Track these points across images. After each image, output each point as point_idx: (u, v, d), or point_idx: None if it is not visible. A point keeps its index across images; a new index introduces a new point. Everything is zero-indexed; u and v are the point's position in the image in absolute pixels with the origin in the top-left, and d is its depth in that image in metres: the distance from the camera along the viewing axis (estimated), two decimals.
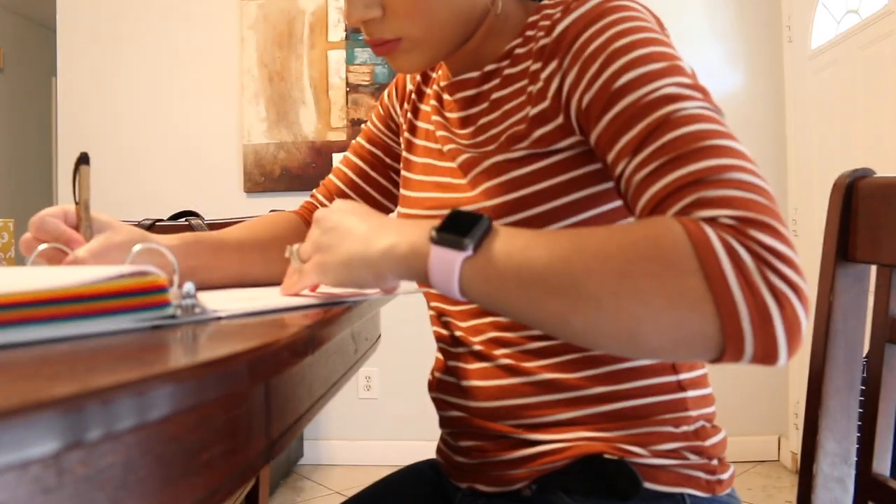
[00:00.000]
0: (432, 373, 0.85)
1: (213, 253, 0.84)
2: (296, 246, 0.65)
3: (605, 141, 0.61)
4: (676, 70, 0.60)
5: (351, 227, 0.60)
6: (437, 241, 0.54)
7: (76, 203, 0.74)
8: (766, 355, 0.49)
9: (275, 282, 0.89)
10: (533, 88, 0.70)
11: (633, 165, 0.58)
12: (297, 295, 0.65)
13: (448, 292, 0.55)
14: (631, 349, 0.51)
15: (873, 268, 0.71)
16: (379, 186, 0.98)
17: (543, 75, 0.69)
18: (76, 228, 0.73)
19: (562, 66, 0.67)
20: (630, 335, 0.50)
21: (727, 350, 0.49)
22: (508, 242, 0.54)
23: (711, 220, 0.51)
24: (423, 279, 0.56)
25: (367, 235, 0.59)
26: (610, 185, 0.68)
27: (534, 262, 0.52)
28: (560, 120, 0.68)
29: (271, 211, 1.09)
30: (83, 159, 0.74)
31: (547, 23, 0.70)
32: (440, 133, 0.81)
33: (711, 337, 0.48)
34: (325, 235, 0.62)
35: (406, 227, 0.59)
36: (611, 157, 0.61)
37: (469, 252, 0.53)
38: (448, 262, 0.54)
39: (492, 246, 0.54)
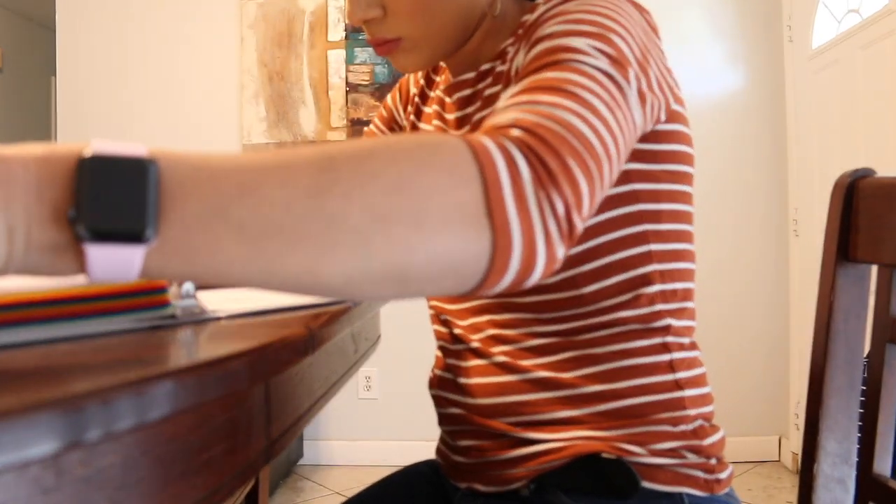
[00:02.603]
0: (432, 370, 0.86)
1: None
2: None
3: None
4: (603, 38, 0.57)
5: None
6: (87, 227, 0.34)
7: None
8: (521, 279, 0.45)
9: None
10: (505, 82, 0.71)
11: (503, 97, 0.55)
12: None
13: (120, 281, 0.38)
14: (396, 288, 0.42)
15: (874, 268, 0.71)
16: None
17: (512, 59, 0.70)
18: None
19: (527, 44, 0.65)
20: (400, 269, 0.41)
21: (489, 273, 0.44)
22: (204, 181, 0.37)
23: (501, 131, 0.47)
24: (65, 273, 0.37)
25: None
26: None
27: (264, 209, 0.38)
28: None
29: None
30: None
31: (533, 21, 0.69)
32: None
33: (480, 259, 0.43)
34: None
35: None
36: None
37: (151, 241, 0.35)
38: (121, 263, 0.35)
39: (182, 210, 0.36)
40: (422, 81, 0.90)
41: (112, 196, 0.35)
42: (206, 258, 0.37)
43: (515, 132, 0.47)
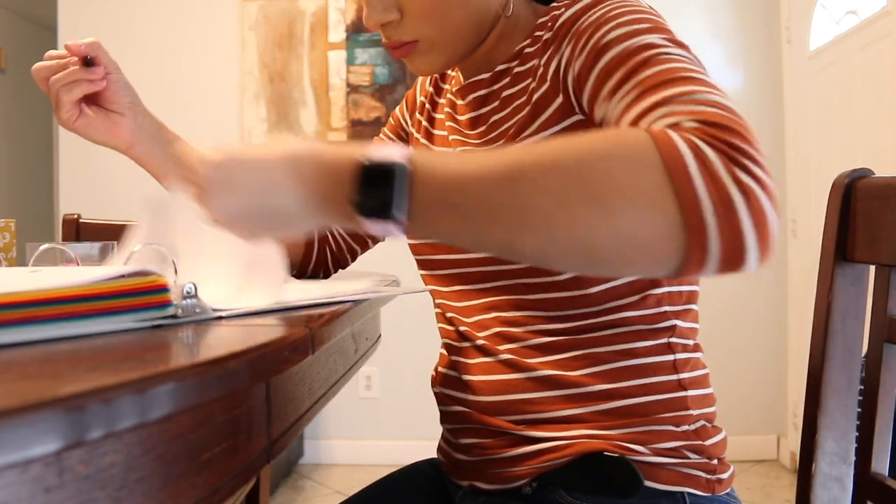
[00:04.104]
0: (436, 368, 0.86)
1: None
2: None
3: (594, 93, 0.63)
4: (660, 28, 0.62)
5: (243, 177, 0.54)
6: (364, 212, 0.51)
7: None
8: (734, 253, 0.46)
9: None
10: (534, 79, 0.72)
11: (613, 103, 0.59)
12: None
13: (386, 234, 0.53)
14: (587, 263, 0.49)
15: (872, 268, 0.71)
16: None
17: (543, 61, 0.72)
18: None
19: (559, 48, 0.69)
20: (586, 247, 0.47)
21: (690, 250, 0.45)
22: (445, 181, 0.50)
23: (675, 125, 0.50)
24: (349, 223, 0.53)
25: (271, 186, 0.54)
26: None
27: (474, 193, 0.49)
28: (560, 99, 0.69)
29: None
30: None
31: (551, 22, 0.72)
32: (453, 137, 0.83)
33: (672, 237, 0.45)
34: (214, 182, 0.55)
35: (307, 172, 0.53)
36: (597, 105, 0.62)
37: (403, 220, 0.50)
38: (384, 230, 0.51)
39: (429, 191, 0.50)
40: (430, 89, 0.91)
41: (374, 182, 0.50)
42: (437, 228, 0.52)
43: (686, 124, 0.50)
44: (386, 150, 0.51)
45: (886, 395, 0.68)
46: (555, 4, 0.74)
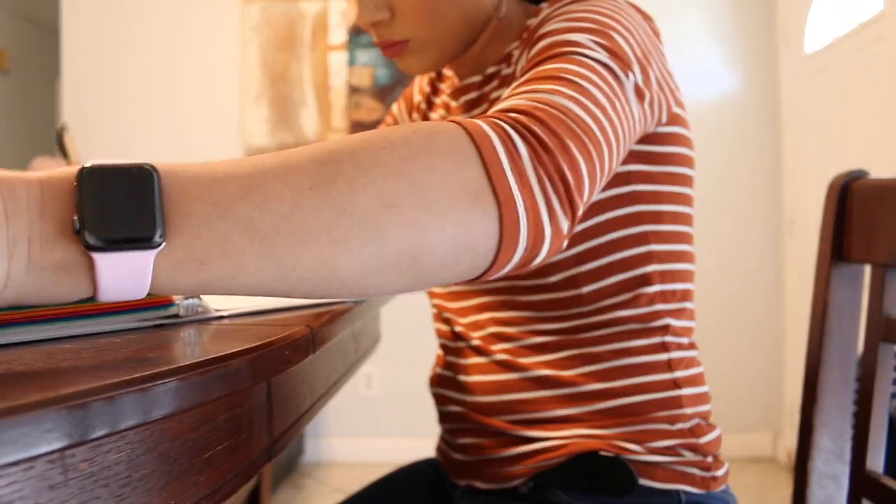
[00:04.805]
0: (433, 369, 0.86)
1: None
2: None
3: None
4: (603, 34, 0.59)
5: None
6: (100, 242, 0.33)
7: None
8: (530, 256, 0.46)
9: None
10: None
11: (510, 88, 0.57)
12: None
13: (130, 297, 0.37)
14: (411, 275, 0.42)
15: (867, 267, 0.71)
16: None
17: (517, 62, 0.71)
18: None
19: (530, 47, 0.67)
20: (414, 254, 0.41)
21: (500, 250, 0.44)
22: (210, 195, 0.37)
23: (497, 115, 0.48)
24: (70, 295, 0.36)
25: None
26: None
27: (273, 205, 0.37)
28: None
29: None
30: (62, 129, 0.77)
31: (537, 23, 0.71)
32: None
33: (491, 235, 0.43)
34: None
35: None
36: None
37: (161, 244, 0.35)
38: (131, 271, 0.35)
39: (188, 214, 0.36)
40: (427, 89, 0.91)
41: (116, 202, 0.34)
42: (217, 261, 0.36)
43: (512, 114, 0.48)
44: (119, 159, 0.36)
45: (881, 393, 0.68)
46: (544, 5, 0.74)
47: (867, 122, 2.13)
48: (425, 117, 0.90)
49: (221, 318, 0.54)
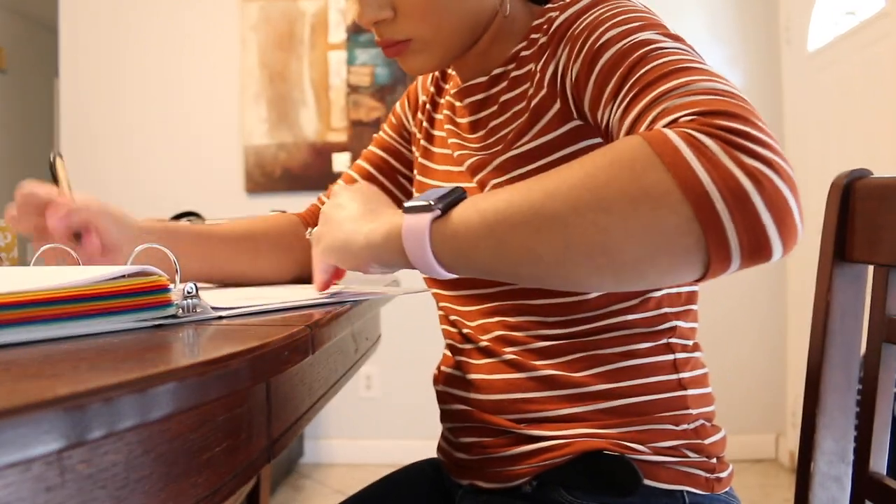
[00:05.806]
0: (438, 367, 0.86)
1: (190, 242, 0.84)
2: (312, 229, 0.71)
3: (594, 99, 0.62)
4: (653, 24, 0.62)
5: (339, 218, 0.64)
6: (408, 209, 0.56)
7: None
8: (756, 243, 0.45)
9: (263, 276, 0.90)
10: (532, 84, 0.72)
11: (614, 107, 0.59)
12: (326, 288, 0.69)
13: (426, 264, 0.55)
14: (611, 269, 0.48)
15: (870, 268, 0.71)
16: (386, 192, 0.98)
17: (539, 66, 0.71)
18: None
19: (555, 53, 0.69)
20: (603, 250, 0.47)
21: (710, 245, 0.45)
22: (478, 198, 0.54)
23: (671, 123, 0.49)
24: (402, 258, 0.57)
25: (351, 225, 0.62)
26: None
27: (497, 204, 0.52)
28: (558, 105, 0.69)
29: (272, 211, 1.10)
30: (55, 156, 0.79)
31: (546, 25, 0.72)
32: (451, 140, 0.83)
33: (688, 233, 0.45)
34: (322, 226, 0.67)
35: (389, 211, 0.61)
36: (599, 111, 0.62)
37: (437, 212, 0.54)
38: (418, 228, 0.54)
39: (462, 205, 0.55)
40: (431, 89, 0.91)
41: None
42: (464, 236, 0.53)
43: (683, 119, 0.49)
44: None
45: (884, 394, 0.68)
46: (550, 6, 0.74)
47: (870, 121, 2.13)
48: (430, 117, 0.90)
49: (220, 318, 0.54)
